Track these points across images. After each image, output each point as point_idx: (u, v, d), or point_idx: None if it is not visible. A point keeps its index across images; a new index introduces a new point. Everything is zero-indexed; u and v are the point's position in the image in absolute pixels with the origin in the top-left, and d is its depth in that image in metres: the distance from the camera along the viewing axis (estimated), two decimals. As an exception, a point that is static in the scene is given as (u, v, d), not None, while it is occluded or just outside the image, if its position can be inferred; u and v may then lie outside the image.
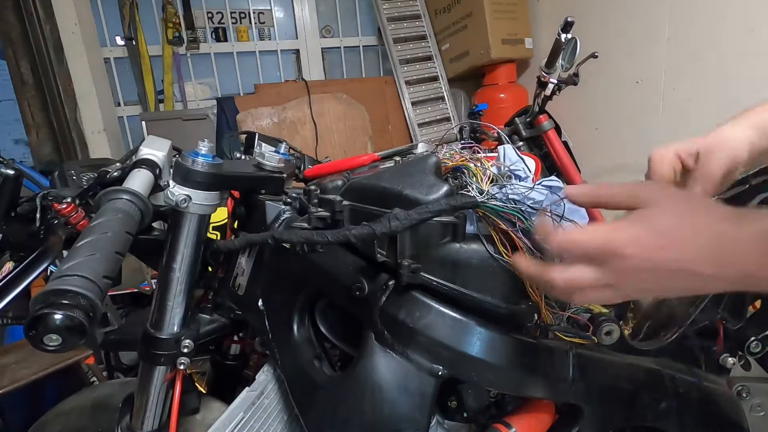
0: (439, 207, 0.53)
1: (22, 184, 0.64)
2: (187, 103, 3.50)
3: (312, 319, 0.73)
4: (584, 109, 2.50)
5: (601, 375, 0.64)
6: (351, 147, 3.10)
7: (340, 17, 3.80)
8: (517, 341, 0.60)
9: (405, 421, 0.57)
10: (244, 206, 0.80)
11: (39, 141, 2.93)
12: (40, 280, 0.60)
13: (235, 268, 0.80)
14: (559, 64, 1.44)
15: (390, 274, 0.61)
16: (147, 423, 0.71)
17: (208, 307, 0.81)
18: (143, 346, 0.69)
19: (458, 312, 0.58)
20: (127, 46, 3.28)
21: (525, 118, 1.56)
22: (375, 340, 0.60)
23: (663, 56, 2.21)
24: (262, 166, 0.71)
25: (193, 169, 0.60)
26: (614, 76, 2.41)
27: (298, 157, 0.90)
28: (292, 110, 3.07)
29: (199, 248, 0.68)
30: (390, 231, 0.52)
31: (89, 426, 0.91)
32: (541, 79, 1.48)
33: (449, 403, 0.64)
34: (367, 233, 0.53)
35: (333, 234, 0.56)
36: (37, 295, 0.37)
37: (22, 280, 0.57)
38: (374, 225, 0.53)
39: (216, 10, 3.53)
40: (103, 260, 0.41)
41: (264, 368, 0.79)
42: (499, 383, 0.60)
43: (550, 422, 0.67)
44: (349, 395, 0.61)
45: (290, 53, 3.77)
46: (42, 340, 0.37)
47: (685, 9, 2.09)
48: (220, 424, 0.67)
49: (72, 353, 1.55)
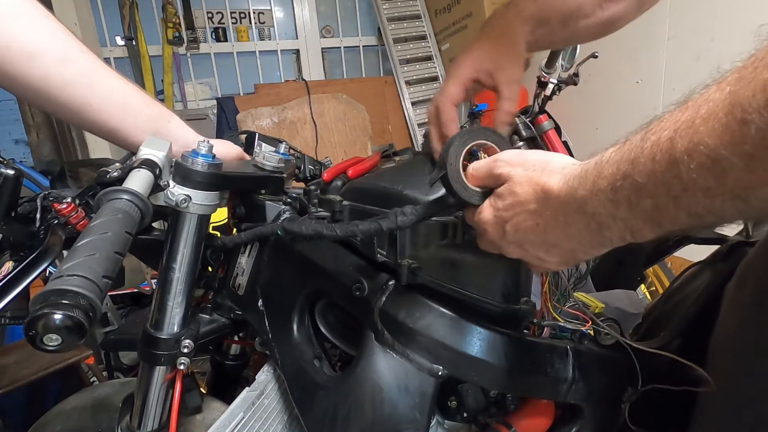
0: (446, 202, 0.53)
1: (22, 184, 0.64)
2: (187, 103, 3.50)
3: (312, 319, 0.73)
4: (584, 109, 2.50)
5: (602, 375, 0.64)
6: (351, 147, 3.10)
7: (340, 17, 3.80)
8: (517, 341, 0.60)
9: (405, 421, 0.57)
10: (244, 206, 0.80)
11: (39, 141, 2.93)
12: (39, 280, 0.60)
13: (235, 268, 0.80)
14: (559, 64, 1.44)
15: (390, 274, 0.61)
16: (147, 423, 0.71)
17: (208, 307, 0.81)
18: (143, 346, 0.69)
19: (458, 312, 0.58)
20: (127, 46, 3.28)
21: (525, 118, 1.56)
22: (375, 340, 0.60)
23: (663, 56, 2.21)
24: (262, 166, 0.71)
25: (193, 169, 0.60)
26: (614, 76, 2.41)
27: (298, 157, 0.90)
28: (292, 110, 3.07)
29: (199, 248, 0.68)
30: (397, 226, 0.52)
31: (89, 426, 0.91)
32: (541, 79, 1.48)
33: (449, 403, 0.64)
34: (375, 228, 0.53)
35: (342, 228, 0.56)
36: (36, 295, 0.37)
37: (22, 280, 0.57)
38: (381, 220, 0.53)
39: (216, 10, 3.53)
40: (102, 260, 0.41)
41: (264, 368, 0.79)
42: (499, 383, 0.60)
43: (550, 422, 0.67)
44: (349, 395, 0.61)
45: (290, 53, 3.77)
46: (42, 340, 0.37)
47: (685, 9, 2.09)
48: (220, 424, 0.67)
49: (72, 353, 1.55)
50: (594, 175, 0.37)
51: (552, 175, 0.42)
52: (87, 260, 0.40)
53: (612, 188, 0.36)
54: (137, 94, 0.66)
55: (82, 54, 0.61)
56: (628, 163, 0.35)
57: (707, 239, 0.86)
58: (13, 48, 0.55)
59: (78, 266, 0.39)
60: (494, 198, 0.46)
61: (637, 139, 0.35)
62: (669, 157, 0.32)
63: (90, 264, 0.40)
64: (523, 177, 0.44)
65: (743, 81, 0.28)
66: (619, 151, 0.36)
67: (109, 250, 0.42)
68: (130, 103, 0.65)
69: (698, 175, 0.30)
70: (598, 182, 0.37)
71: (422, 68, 3.46)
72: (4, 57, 0.55)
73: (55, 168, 2.63)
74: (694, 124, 0.30)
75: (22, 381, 1.41)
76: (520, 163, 0.45)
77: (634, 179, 0.34)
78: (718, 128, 0.29)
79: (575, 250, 0.43)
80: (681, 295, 0.77)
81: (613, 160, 0.36)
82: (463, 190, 0.48)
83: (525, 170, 0.44)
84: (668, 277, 1.59)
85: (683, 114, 0.32)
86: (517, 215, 0.44)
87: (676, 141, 0.31)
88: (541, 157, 0.45)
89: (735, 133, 0.28)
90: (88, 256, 0.40)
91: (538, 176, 0.43)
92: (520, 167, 0.44)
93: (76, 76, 0.60)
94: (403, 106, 3.40)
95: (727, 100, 0.29)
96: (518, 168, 0.44)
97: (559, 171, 0.42)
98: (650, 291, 1.60)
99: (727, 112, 0.28)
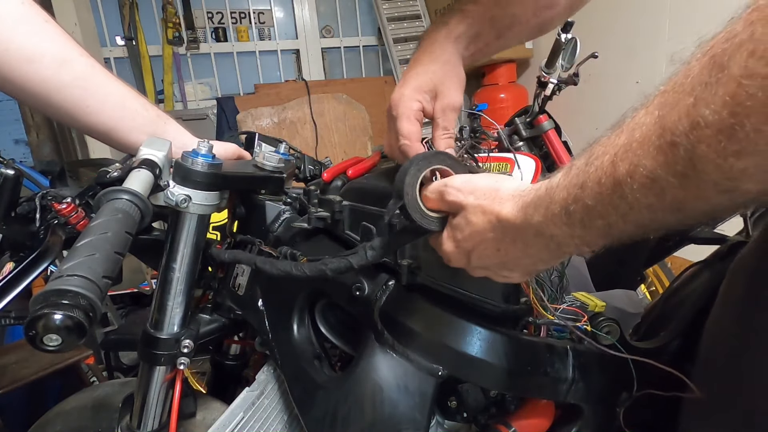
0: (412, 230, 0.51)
1: (22, 184, 0.64)
2: (187, 103, 3.50)
3: (312, 319, 0.73)
4: (584, 109, 2.50)
5: (602, 375, 0.64)
6: (351, 147, 3.10)
7: (340, 17, 3.80)
8: (517, 341, 0.60)
9: (405, 421, 0.57)
10: (244, 206, 0.80)
11: (39, 141, 2.93)
12: (40, 280, 0.60)
13: (235, 268, 0.80)
14: (559, 64, 1.44)
15: (390, 274, 0.61)
16: (147, 423, 0.71)
17: (208, 307, 0.81)
18: (143, 346, 0.69)
19: (458, 312, 0.58)
20: (127, 46, 3.28)
21: (525, 118, 1.56)
22: (375, 340, 0.60)
23: (663, 56, 2.21)
24: (262, 166, 0.72)
25: (192, 169, 0.60)
26: (614, 76, 2.41)
27: (298, 157, 0.90)
28: (292, 110, 3.07)
29: (199, 248, 0.68)
30: (367, 261, 0.53)
31: (89, 426, 0.91)
32: (541, 79, 1.48)
33: (449, 403, 0.64)
34: (345, 266, 0.53)
35: (310, 267, 0.56)
36: (36, 295, 0.37)
37: (22, 280, 0.57)
38: (351, 257, 0.53)
39: (216, 10, 3.53)
40: (102, 260, 0.41)
41: (264, 368, 0.79)
42: (499, 383, 0.60)
43: (550, 422, 0.67)
44: (349, 395, 0.61)
45: (290, 53, 3.77)
46: (42, 340, 0.37)
47: (685, 9, 2.09)
48: (220, 424, 0.67)
49: (72, 353, 1.55)
50: (547, 201, 0.40)
51: (504, 203, 0.43)
52: (87, 260, 0.40)
53: (565, 212, 0.38)
54: (135, 98, 0.66)
55: (81, 57, 0.61)
56: (577, 187, 0.37)
57: (707, 239, 0.86)
58: (11, 51, 0.56)
59: (78, 266, 0.39)
60: (452, 230, 0.48)
61: (581, 164, 0.37)
62: (613, 180, 0.34)
63: (90, 264, 0.40)
64: (476, 207, 0.45)
65: (667, 106, 0.30)
66: (566, 176, 0.38)
67: (109, 250, 0.42)
68: (127, 106, 0.65)
69: (641, 195, 0.33)
70: (551, 207, 0.39)
71: (422, 68, 3.46)
72: (2, 60, 0.55)
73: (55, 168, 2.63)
74: (632, 148, 0.32)
75: (22, 381, 1.41)
76: (471, 191, 0.46)
77: (585, 202, 0.36)
78: (653, 151, 0.31)
79: (536, 264, 0.46)
80: (681, 295, 0.77)
81: (563, 185, 0.38)
82: (422, 219, 0.48)
83: (476, 199, 0.45)
84: (668, 277, 1.59)
85: (619, 138, 0.34)
86: (479, 245, 0.46)
87: (617, 164, 0.33)
88: (490, 183, 0.46)
89: (668, 154, 0.30)
90: (88, 256, 0.40)
91: (491, 205, 0.44)
92: (471, 195, 0.46)
93: (73, 80, 0.60)
94: (403, 106, 3.40)
95: (657, 124, 0.31)
96: (470, 197, 0.46)
97: (509, 198, 0.44)
98: (650, 291, 1.61)
99: (658, 136, 0.30)
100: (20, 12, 0.57)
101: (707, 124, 0.27)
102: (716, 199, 0.30)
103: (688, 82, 0.29)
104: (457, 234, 0.47)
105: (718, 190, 0.29)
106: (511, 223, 0.43)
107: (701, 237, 0.87)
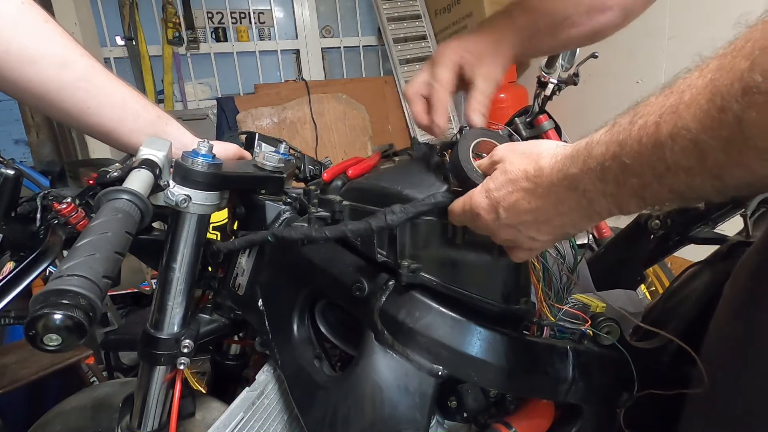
0: (435, 200, 0.54)
1: (22, 184, 0.64)
2: (187, 103, 3.50)
3: (312, 319, 0.73)
4: (584, 109, 2.50)
5: (602, 375, 0.64)
6: (351, 147, 3.11)
7: (340, 17, 3.80)
8: (517, 341, 0.60)
9: (405, 421, 0.57)
10: (244, 206, 0.80)
11: (39, 141, 2.93)
12: (40, 280, 0.60)
13: (235, 268, 0.80)
14: (559, 64, 1.44)
15: (390, 274, 0.61)
16: (147, 423, 0.71)
17: (208, 307, 0.81)
18: (143, 346, 0.69)
19: (458, 312, 0.58)
20: (127, 46, 3.28)
21: (525, 118, 1.57)
22: (375, 340, 0.60)
23: (663, 56, 2.21)
24: (262, 166, 0.71)
25: (193, 169, 0.60)
26: (614, 76, 2.41)
27: (298, 157, 0.90)
28: (292, 110, 3.07)
29: (199, 248, 0.68)
30: (386, 225, 0.53)
31: (89, 426, 0.91)
32: (541, 79, 1.49)
33: (449, 403, 0.64)
34: (364, 228, 0.55)
35: (331, 230, 0.58)
36: (36, 295, 0.37)
37: (22, 280, 0.57)
38: (371, 220, 0.54)
39: (216, 10, 3.53)
40: (102, 260, 0.41)
41: (264, 368, 0.79)
42: (499, 383, 0.60)
43: (550, 422, 0.67)
44: (349, 395, 0.61)
45: (290, 53, 3.77)
46: (42, 340, 0.37)
47: (685, 9, 2.09)
48: (220, 424, 0.67)
49: (72, 353, 1.55)
50: (584, 155, 0.40)
51: (543, 155, 0.45)
52: (87, 260, 0.40)
53: (601, 168, 0.38)
54: (135, 98, 0.66)
55: (81, 58, 0.61)
56: (616, 144, 0.37)
57: (707, 239, 0.86)
58: (11, 52, 0.56)
59: (78, 266, 0.39)
60: (487, 180, 0.49)
61: (625, 122, 0.37)
62: (654, 141, 0.34)
63: (90, 264, 0.40)
64: (515, 157, 0.47)
65: (723, 70, 0.30)
66: (608, 133, 0.39)
67: (109, 250, 0.42)
68: (128, 106, 0.65)
69: (681, 157, 0.32)
70: (589, 161, 0.39)
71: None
72: (2, 61, 0.55)
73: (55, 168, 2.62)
74: (678, 110, 0.32)
75: (22, 381, 1.41)
76: (513, 148, 0.49)
77: (622, 160, 0.36)
78: (700, 114, 0.30)
79: (565, 225, 0.46)
80: (681, 295, 0.77)
81: (603, 141, 0.38)
82: (472, 171, 0.52)
83: (515, 152, 0.48)
84: (668, 277, 1.59)
85: (668, 99, 0.33)
86: (510, 194, 0.46)
87: (661, 125, 0.33)
88: (533, 142, 0.49)
89: (715, 119, 0.30)
90: (88, 256, 0.40)
91: (529, 156, 0.46)
92: (512, 151, 0.48)
93: (74, 81, 0.60)
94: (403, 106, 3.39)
95: (708, 87, 0.30)
96: (510, 153, 0.48)
97: (550, 152, 0.45)
98: (650, 291, 1.61)
99: (708, 100, 0.30)
100: (20, 12, 0.57)
101: (760, 91, 0.27)
102: (760, 169, 0.30)
103: (749, 45, 0.29)
104: (490, 183, 0.48)
105: (762, 159, 0.29)
106: (546, 173, 0.43)
107: (701, 237, 0.87)
